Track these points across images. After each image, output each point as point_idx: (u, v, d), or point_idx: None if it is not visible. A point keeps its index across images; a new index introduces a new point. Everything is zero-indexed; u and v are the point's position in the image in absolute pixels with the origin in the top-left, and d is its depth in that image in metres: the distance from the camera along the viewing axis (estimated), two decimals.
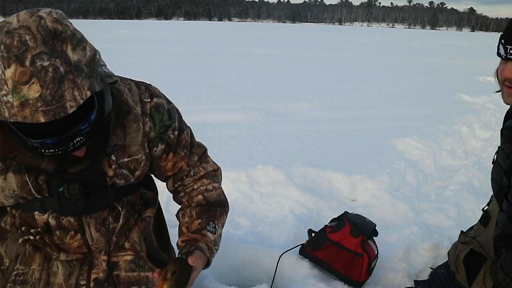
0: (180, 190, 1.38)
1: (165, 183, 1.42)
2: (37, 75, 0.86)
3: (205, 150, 1.42)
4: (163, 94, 1.30)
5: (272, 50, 18.11)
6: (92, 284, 1.24)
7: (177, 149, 1.32)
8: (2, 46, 0.87)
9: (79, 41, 0.93)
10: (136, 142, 1.22)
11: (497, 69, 1.33)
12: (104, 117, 1.02)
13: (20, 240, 1.22)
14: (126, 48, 15.47)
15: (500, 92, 1.34)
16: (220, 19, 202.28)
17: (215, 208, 1.34)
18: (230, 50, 17.06)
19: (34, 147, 0.95)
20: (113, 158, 1.19)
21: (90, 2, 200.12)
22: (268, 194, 3.04)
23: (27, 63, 0.86)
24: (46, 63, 0.87)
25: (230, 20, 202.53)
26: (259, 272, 2.11)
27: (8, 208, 1.23)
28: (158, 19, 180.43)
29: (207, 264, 1.26)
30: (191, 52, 15.44)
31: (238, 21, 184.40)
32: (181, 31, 36.25)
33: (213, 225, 1.30)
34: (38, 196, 1.15)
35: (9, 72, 0.86)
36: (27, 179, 1.13)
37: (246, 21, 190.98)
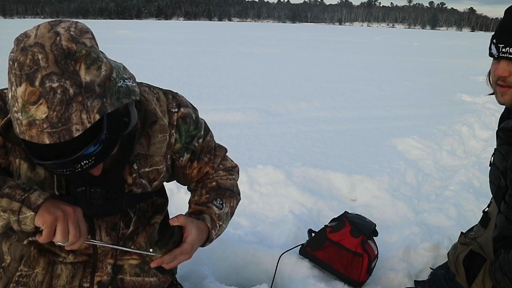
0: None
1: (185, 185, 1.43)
2: (45, 96, 0.86)
3: (226, 151, 1.44)
4: (189, 103, 1.30)
5: (272, 50, 18.13)
6: (95, 287, 1.23)
7: (201, 156, 1.33)
8: (16, 64, 0.87)
9: (94, 61, 0.92)
10: (160, 153, 1.23)
11: (489, 71, 1.35)
12: (118, 138, 1.01)
13: (25, 241, 1.21)
14: (126, 48, 15.47)
15: (494, 94, 1.35)
16: (220, 19, 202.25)
17: (226, 190, 1.35)
18: (230, 50, 17.07)
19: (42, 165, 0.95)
20: (135, 167, 1.19)
21: (90, 2, 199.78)
22: (268, 194, 3.03)
23: (37, 83, 0.86)
24: (55, 84, 0.87)
25: (230, 20, 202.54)
26: (259, 272, 2.10)
27: None
28: (158, 19, 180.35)
29: (209, 238, 1.24)
30: (191, 52, 15.44)
31: (238, 21, 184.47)
32: (181, 31, 36.26)
33: (220, 202, 1.30)
34: (56, 193, 1.14)
35: (19, 90, 0.87)
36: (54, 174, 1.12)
37: (246, 21, 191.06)
